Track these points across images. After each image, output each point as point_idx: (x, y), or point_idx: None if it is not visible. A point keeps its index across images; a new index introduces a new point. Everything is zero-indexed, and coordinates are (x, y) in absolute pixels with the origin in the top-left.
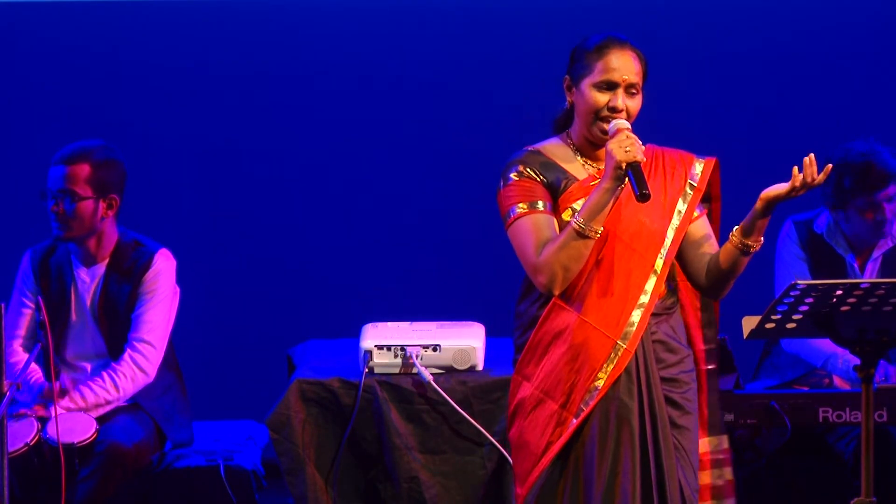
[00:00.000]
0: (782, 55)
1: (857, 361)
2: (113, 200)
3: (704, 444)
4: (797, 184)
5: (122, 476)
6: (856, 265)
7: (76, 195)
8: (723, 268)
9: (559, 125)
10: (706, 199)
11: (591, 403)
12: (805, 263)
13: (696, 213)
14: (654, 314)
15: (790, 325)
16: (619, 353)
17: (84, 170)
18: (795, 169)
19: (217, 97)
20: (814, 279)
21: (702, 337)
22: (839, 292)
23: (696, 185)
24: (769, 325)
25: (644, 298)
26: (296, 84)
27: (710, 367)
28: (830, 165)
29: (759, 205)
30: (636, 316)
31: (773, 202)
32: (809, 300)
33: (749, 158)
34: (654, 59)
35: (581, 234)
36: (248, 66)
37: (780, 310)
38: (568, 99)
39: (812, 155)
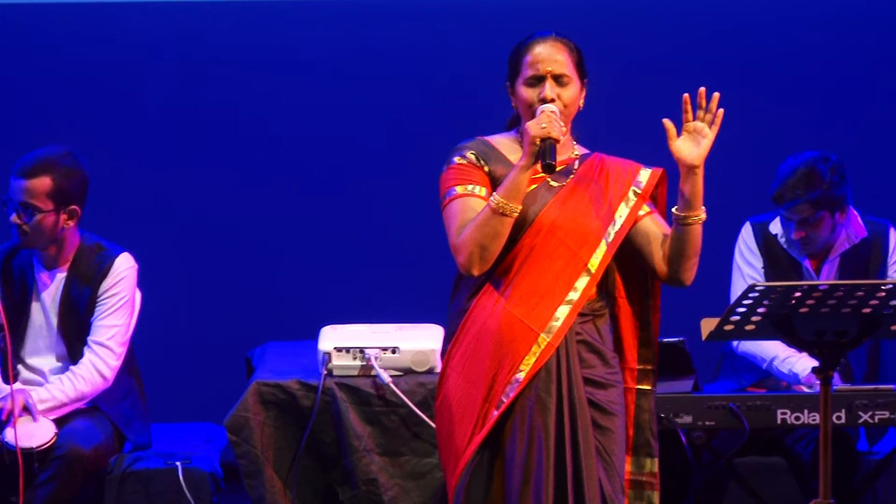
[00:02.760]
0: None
1: (803, 365)
2: (73, 211)
3: (626, 463)
4: (713, 133)
5: (81, 479)
6: (811, 268)
7: (36, 209)
8: (673, 245)
9: (510, 125)
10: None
11: (512, 395)
12: (760, 265)
13: (645, 210)
14: (581, 314)
15: (749, 327)
16: (542, 347)
17: (44, 183)
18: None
19: (176, 100)
20: (768, 281)
21: (636, 356)
22: (798, 294)
23: (639, 191)
24: (728, 327)
25: (573, 295)
26: (254, 88)
27: (642, 387)
28: (710, 94)
29: (694, 172)
30: (562, 312)
31: (689, 164)
32: (768, 302)
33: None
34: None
35: (498, 212)
36: (209, 68)
37: (738, 312)
38: (513, 104)
39: (686, 96)
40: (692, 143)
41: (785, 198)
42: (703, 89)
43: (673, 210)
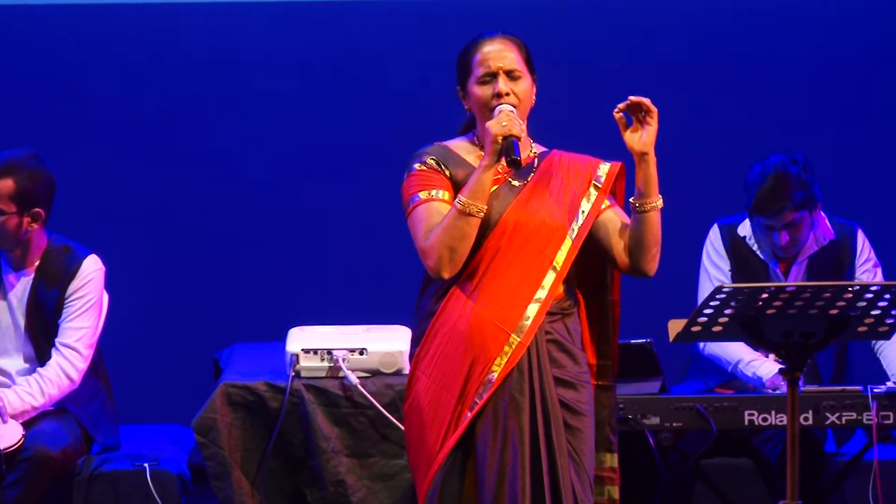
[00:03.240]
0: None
1: (767, 369)
2: (37, 214)
3: None
4: (654, 124)
5: (49, 481)
6: (779, 270)
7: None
8: (632, 235)
9: (465, 130)
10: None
11: (485, 396)
12: (727, 267)
13: (606, 204)
14: (550, 312)
15: (716, 329)
16: (514, 347)
17: (7, 185)
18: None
19: (143, 102)
20: (736, 283)
21: (595, 352)
22: (765, 296)
23: (600, 186)
24: (695, 329)
25: (541, 293)
26: (222, 89)
27: (601, 382)
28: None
29: (645, 161)
30: (532, 310)
31: (638, 152)
32: (735, 303)
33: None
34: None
35: (464, 213)
36: (178, 70)
37: (706, 313)
38: (466, 107)
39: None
40: (641, 132)
41: (769, 207)
42: (625, 104)
43: (630, 199)
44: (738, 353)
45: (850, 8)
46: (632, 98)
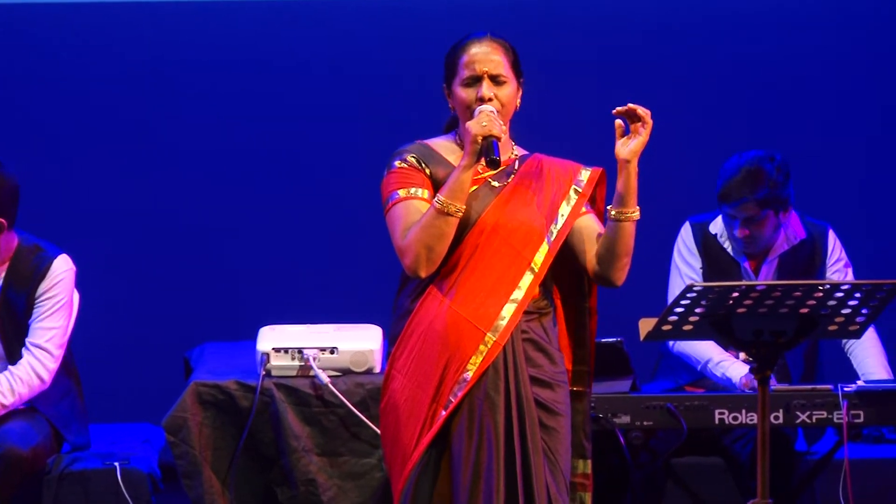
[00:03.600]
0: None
1: (736, 369)
2: (0, 224)
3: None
4: (646, 133)
5: (19, 480)
6: (749, 268)
7: None
8: (604, 244)
9: (448, 128)
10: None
11: (460, 395)
12: (699, 265)
13: (583, 210)
14: (526, 312)
15: (687, 328)
16: (489, 346)
17: None
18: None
19: (112, 101)
20: (707, 281)
21: (571, 357)
22: (735, 294)
23: (580, 190)
24: (666, 328)
25: (518, 294)
26: (197, 88)
27: (576, 388)
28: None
29: (627, 169)
30: (508, 310)
31: (633, 160)
32: (706, 302)
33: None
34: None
35: (442, 212)
36: (151, 69)
37: (676, 312)
38: (450, 105)
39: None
40: (630, 140)
41: (731, 196)
42: (623, 108)
43: (608, 207)
44: (708, 353)
45: (826, 8)
46: (630, 105)
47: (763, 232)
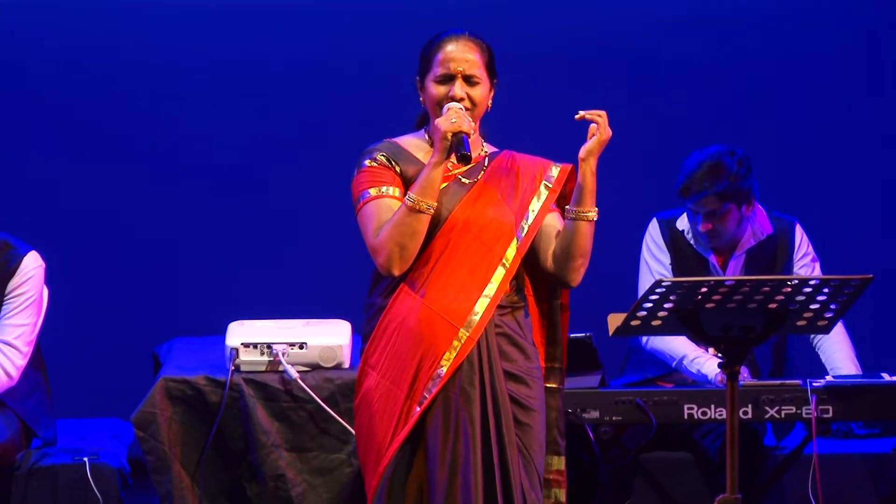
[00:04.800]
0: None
1: (711, 366)
2: None
3: None
4: (602, 133)
5: None
6: (717, 264)
7: None
8: (561, 243)
9: (419, 125)
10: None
11: (434, 391)
12: (668, 261)
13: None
14: (501, 305)
15: (655, 323)
16: (462, 342)
17: None
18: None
19: (79, 98)
20: (675, 277)
21: (544, 354)
22: (704, 290)
23: (551, 186)
24: (635, 323)
25: (490, 289)
26: (159, 85)
27: (549, 385)
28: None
29: (585, 169)
30: (481, 305)
31: (589, 160)
32: (674, 297)
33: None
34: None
35: (414, 210)
36: (115, 67)
37: (645, 307)
38: (421, 98)
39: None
40: (588, 140)
41: (692, 190)
42: (579, 116)
43: (567, 206)
44: (682, 349)
45: (793, 5)
46: (581, 113)
47: (726, 226)
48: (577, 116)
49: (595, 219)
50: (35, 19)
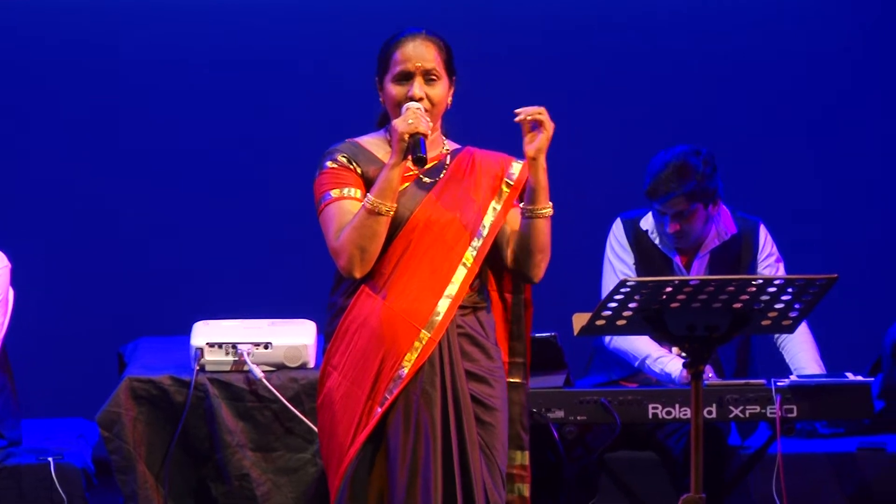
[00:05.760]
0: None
1: (675, 365)
2: None
3: None
4: (545, 131)
5: None
6: (681, 263)
7: None
8: (518, 240)
9: (380, 124)
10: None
11: (395, 391)
12: (632, 261)
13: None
14: (462, 305)
15: (620, 322)
16: (424, 342)
17: None
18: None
19: (45, 97)
20: (639, 276)
21: (508, 350)
22: (668, 289)
23: (512, 183)
24: (600, 322)
25: (451, 289)
26: (125, 84)
27: (513, 380)
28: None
29: (534, 167)
30: (442, 306)
31: (538, 157)
32: (639, 297)
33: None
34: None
35: (373, 212)
36: (80, 67)
37: (610, 307)
38: (381, 99)
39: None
40: (533, 137)
41: (659, 192)
42: (519, 118)
43: (521, 205)
44: (646, 349)
45: (753, 5)
46: (520, 115)
47: (694, 226)
48: (516, 119)
49: (550, 214)
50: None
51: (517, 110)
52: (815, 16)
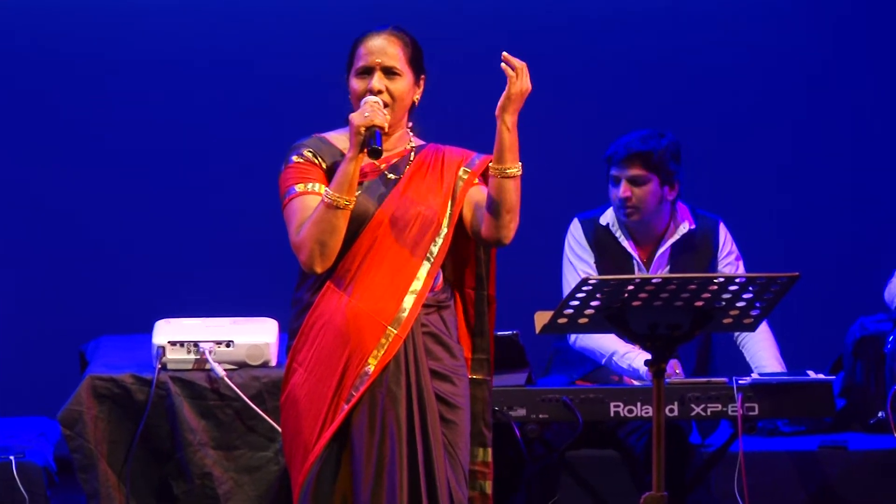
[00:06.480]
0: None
1: (642, 361)
2: None
3: None
4: (513, 83)
5: None
6: (640, 260)
7: None
8: (492, 203)
9: (348, 120)
10: None
11: (362, 389)
12: (591, 260)
13: (475, 182)
14: (427, 304)
15: (582, 321)
16: (390, 339)
17: None
18: (506, 67)
19: (10, 91)
20: (599, 274)
21: (471, 345)
22: (631, 288)
23: (469, 170)
24: (561, 321)
25: (417, 285)
26: (83, 81)
27: (476, 376)
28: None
29: (499, 124)
30: (408, 302)
31: (505, 112)
32: (601, 295)
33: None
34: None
35: (332, 206)
36: (31, 62)
37: (572, 305)
38: (350, 97)
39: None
40: (507, 93)
41: (618, 154)
42: (504, 54)
43: (490, 164)
44: (612, 346)
45: (712, 5)
46: (504, 57)
47: (646, 200)
48: (502, 59)
49: (517, 174)
50: None
51: (504, 54)
52: (775, 18)
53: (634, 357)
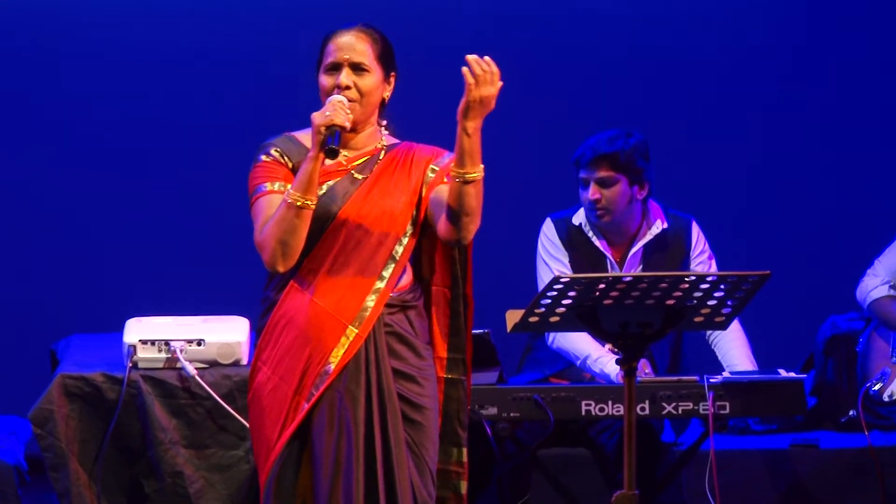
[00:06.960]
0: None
1: (614, 366)
2: None
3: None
4: (471, 90)
5: None
6: (614, 260)
7: None
8: (451, 205)
9: None
10: None
11: (322, 387)
12: (565, 259)
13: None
14: (390, 304)
15: (554, 319)
16: (351, 338)
17: None
18: (465, 71)
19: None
20: (574, 273)
21: (446, 345)
22: (602, 286)
23: (437, 169)
24: (533, 319)
25: (380, 284)
26: (62, 80)
27: (451, 376)
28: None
29: (458, 128)
30: (371, 301)
31: (465, 117)
32: (573, 294)
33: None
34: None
35: (293, 206)
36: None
37: (543, 303)
38: (319, 93)
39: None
40: (466, 97)
41: (585, 155)
42: (469, 57)
43: (451, 168)
44: (586, 349)
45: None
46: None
47: (615, 201)
48: (466, 61)
49: (478, 178)
50: None
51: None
52: (746, 17)
53: (606, 362)
